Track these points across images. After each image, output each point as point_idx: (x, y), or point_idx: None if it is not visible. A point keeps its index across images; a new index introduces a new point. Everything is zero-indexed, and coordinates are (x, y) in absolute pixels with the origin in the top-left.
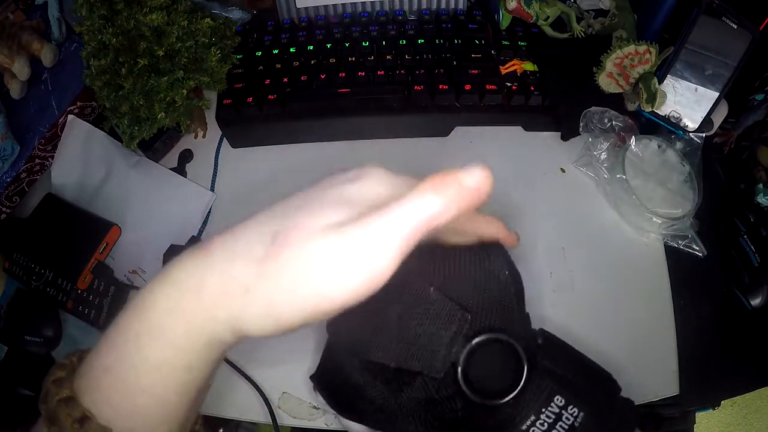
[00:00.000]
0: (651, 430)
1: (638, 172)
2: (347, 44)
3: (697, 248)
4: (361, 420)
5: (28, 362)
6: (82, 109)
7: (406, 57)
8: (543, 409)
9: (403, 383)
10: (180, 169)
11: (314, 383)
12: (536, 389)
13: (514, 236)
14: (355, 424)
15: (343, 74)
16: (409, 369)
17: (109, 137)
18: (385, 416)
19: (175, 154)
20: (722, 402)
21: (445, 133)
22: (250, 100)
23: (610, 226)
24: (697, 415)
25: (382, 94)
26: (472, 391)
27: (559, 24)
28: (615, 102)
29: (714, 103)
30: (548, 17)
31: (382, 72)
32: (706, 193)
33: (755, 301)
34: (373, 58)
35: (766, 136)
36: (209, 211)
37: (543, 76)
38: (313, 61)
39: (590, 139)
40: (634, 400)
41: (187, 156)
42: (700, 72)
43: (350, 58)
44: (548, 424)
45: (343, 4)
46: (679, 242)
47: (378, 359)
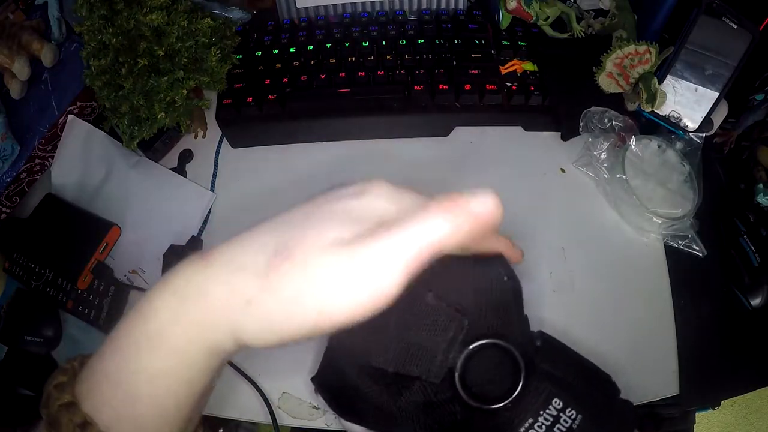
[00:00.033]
0: (651, 430)
1: (638, 172)
2: (347, 44)
3: (697, 248)
4: (362, 422)
5: (28, 362)
6: (82, 109)
7: (406, 57)
8: (541, 412)
9: (402, 387)
10: (180, 169)
11: (315, 385)
12: (534, 392)
13: (518, 252)
14: (355, 426)
15: (343, 74)
16: (408, 374)
17: (109, 137)
18: (385, 419)
19: (175, 154)
20: (722, 402)
21: (445, 133)
22: (250, 100)
23: (610, 226)
24: (697, 415)
25: (382, 94)
26: (469, 396)
27: (559, 24)
28: (615, 102)
29: (714, 103)
30: (548, 17)
31: (382, 72)
32: (706, 193)
33: (755, 301)
34: (373, 58)
35: (766, 136)
36: (209, 211)
37: (543, 76)
38: (313, 61)
39: (590, 139)
40: (634, 400)
41: (187, 156)
42: (700, 72)
43: (350, 58)
44: (546, 427)
45: (343, 4)
46: (679, 242)
47: (377, 364)
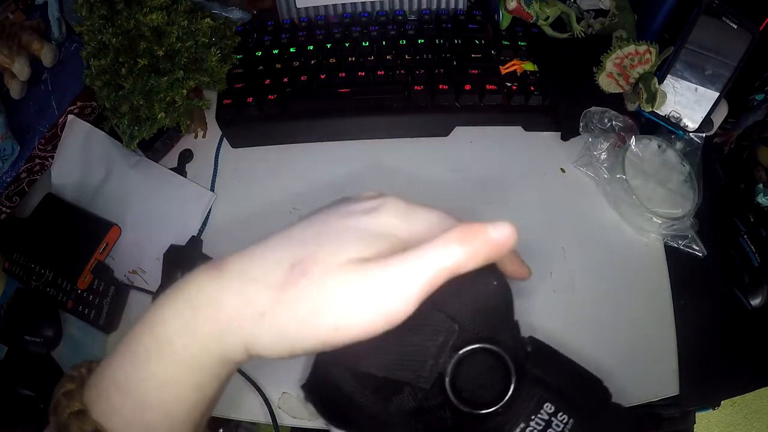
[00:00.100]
0: (651, 430)
1: (638, 172)
2: (347, 44)
3: (697, 248)
4: (352, 429)
5: (28, 362)
6: (82, 109)
7: (406, 57)
8: (532, 417)
9: (392, 393)
10: (180, 169)
11: (305, 392)
12: (525, 397)
13: (526, 269)
14: None
15: (343, 74)
16: (398, 379)
17: (109, 137)
18: (375, 425)
19: (175, 154)
20: (722, 402)
21: (445, 133)
22: (250, 100)
23: (610, 226)
24: (697, 415)
25: (382, 94)
26: (460, 401)
27: (559, 24)
28: (615, 102)
29: (714, 103)
30: (548, 17)
31: (382, 72)
32: (706, 193)
33: (755, 301)
34: (373, 58)
35: (766, 136)
36: (209, 211)
37: (543, 76)
38: (313, 61)
39: (590, 139)
40: (634, 400)
41: (187, 156)
42: (700, 72)
43: (350, 58)
44: (538, 431)
45: (343, 4)
46: (679, 242)
47: (367, 369)
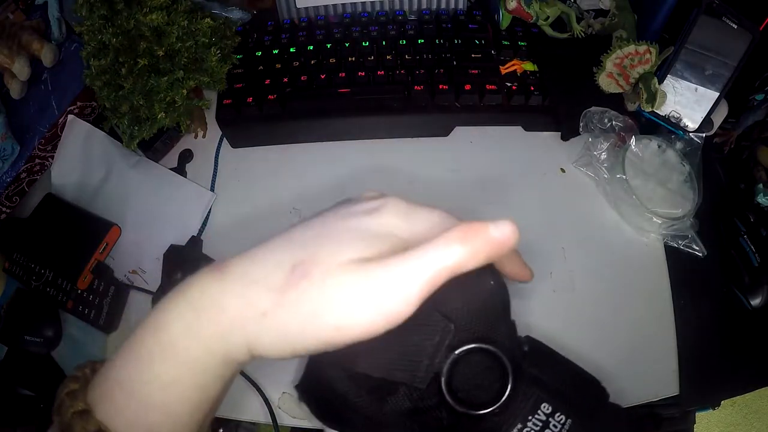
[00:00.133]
0: (651, 430)
1: (638, 172)
2: (347, 44)
3: (697, 248)
4: (346, 430)
5: (28, 362)
6: (82, 109)
7: (406, 57)
8: (530, 417)
9: (387, 393)
10: (180, 169)
11: (299, 393)
12: (523, 397)
13: (528, 272)
14: None
15: (343, 74)
16: (393, 379)
17: (109, 137)
18: (370, 426)
19: (175, 154)
20: (722, 402)
21: (445, 133)
22: (250, 100)
23: (610, 226)
24: (697, 415)
25: (382, 94)
26: (456, 402)
27: (559, 24)
28: (615, 102)
29: (714, 103)
30: (548, 17)
31: (382, 72)
32: (706, 193)
33: (755, 301)
34: (373, 58)
35: (766, 136)
36: (209, 211)
37: (543, 76)
38: (313, 61)
39: (590, 139)
40: (634, 400)
41: (187, 156)
42: (700, 72)
43: (350, 58)
44: None
45: (343, 4)
46: (679, 242)
47: (362, 369)
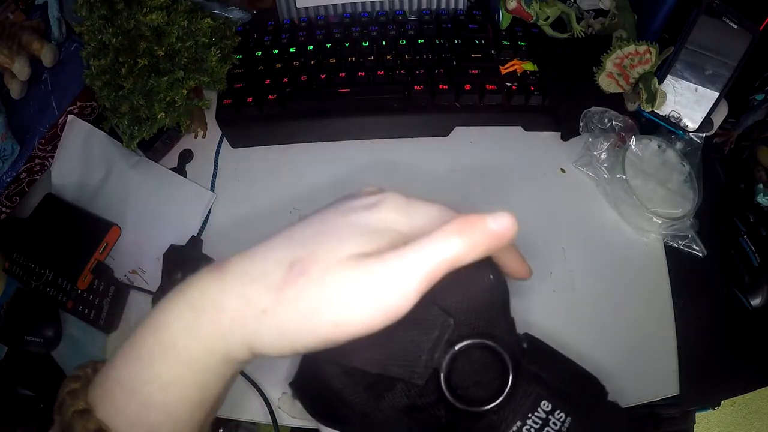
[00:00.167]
0: (651, 430)
1: (638, 172)
2: (347, 44)
3: (697, 248)
4: (342, 427)
5: (28, 362)
6: (82, 109)
7: (406, 57)
8: (530, 415)
9: (385, 389)
10: (180, 169)
11: (293, 390)
12: (522, 394)
13: (527, 268)
14: None
15: (343, 74)
16: (390, 375)
17: (109, 137)
18: (366, 423)
19: (175, 154)
20: (722, 402)
21: (445, 133)
22: (250, 100)
23: (610, 226)
24: (697, 415)
25: (382, 94)
26: (455, 398)
27: (559, 24)
28: (615, 102)
29: (714, 103)
30: (548, 17)
31: (382, 72)
32: (706, 193)
33: (755, 301)
34: (373, 58)
35: (766, 136)
36: (209, 211)
37: (543, 76)
38: (313, 61)
39: (590, 139)
40: (634, 400)
41: (187, 156)
42: (700, 72)
43: (350, 58)
44: (535, 430)
45: (343, 4)
46: (679, 242)
47: (359, 365)
